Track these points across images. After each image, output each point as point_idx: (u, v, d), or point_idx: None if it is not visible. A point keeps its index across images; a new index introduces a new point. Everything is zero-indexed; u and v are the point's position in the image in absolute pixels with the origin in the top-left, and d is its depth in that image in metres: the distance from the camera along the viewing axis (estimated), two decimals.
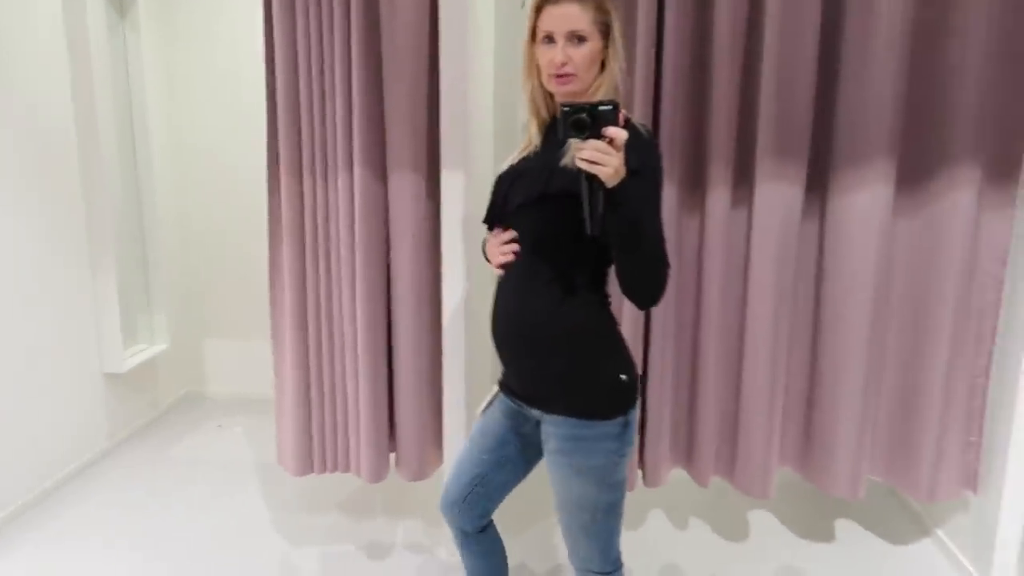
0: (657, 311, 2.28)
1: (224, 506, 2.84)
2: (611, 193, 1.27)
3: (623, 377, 1.49)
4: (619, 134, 1.24)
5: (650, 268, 1.39)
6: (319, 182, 2.28)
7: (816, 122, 2.17)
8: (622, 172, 1.26)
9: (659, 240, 1.41)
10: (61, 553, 2.52)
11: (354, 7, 2.13)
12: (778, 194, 2.16)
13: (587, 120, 1.25)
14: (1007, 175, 2.13)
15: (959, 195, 2.13)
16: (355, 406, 2.39)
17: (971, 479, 2.33)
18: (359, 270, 2.27)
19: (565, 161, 1.37)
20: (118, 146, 3.29)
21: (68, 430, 3.00)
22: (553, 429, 1.51)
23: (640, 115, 2.14)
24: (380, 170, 2.26)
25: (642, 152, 1.37)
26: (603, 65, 1.46)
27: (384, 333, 2.35)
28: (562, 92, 1.45)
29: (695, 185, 2.27)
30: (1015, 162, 2.12)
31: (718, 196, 2.20)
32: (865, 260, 2.18)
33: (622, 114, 1.29)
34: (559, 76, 1.42)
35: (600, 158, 1.23)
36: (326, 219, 2.31)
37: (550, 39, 1.41)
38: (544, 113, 1.55)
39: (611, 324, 1.53)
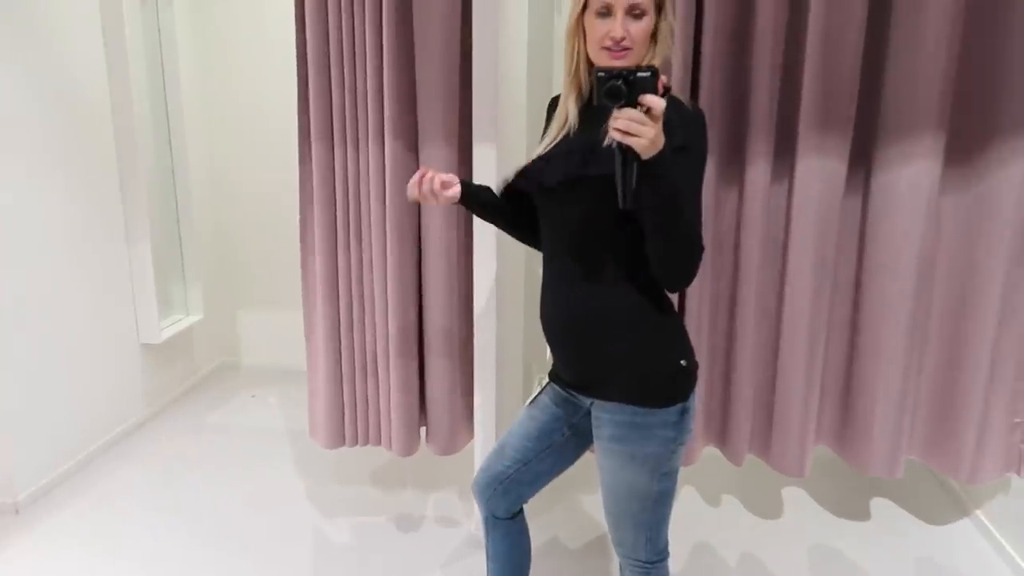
0: (693, 285, 2.23)
1: (258, 475, 2.87)
2: (646, 166, 1.20)
3: (682, 363, 1.45)
4: (657, 103, 1.17)
5: (683, 250, 1.33)
6: (350, 152, 2.26)
7: (862, 93, 2.09)
8: (660, 144, 1.19)
9: (696, 222, 1.36)
10: (101, 519, 2.57)
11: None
12: (820, 168, 2.10)
13: (623, 88, 1.18)
14: None
15: (1010, 169, 2.05)
16: (386, 380, 2.39)
17: (1015, 461, 2.27)
18: (390, 243, 2.26)
19: (606, 141, 1.29)
20: (152, 117, 3.30)
21: (106, 400, 3.05)
22: (608, 416, 1.47)
23: (679, 83, 2.08)
24: (411, 141, 2.24)
25: (691, 128, 1.33)
26: (653, 39, 1.39)
27: (415, 306, 2.34)
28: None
29: (733, 157, 2.20)
30: None
31: (758, 169, 2.14)
32: (910, 237, 2.11)
33: (662, 81, 1.22)
34: (615, 50, 1.35)
35: (636, 128, 1.16)
36: (357, 190, 2.29)
37: (607, 11, 1.34)
38: (586, 90, 1.46)
39: (669, 308, 1.48)
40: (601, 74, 1.20)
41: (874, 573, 2.31)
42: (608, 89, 1.18)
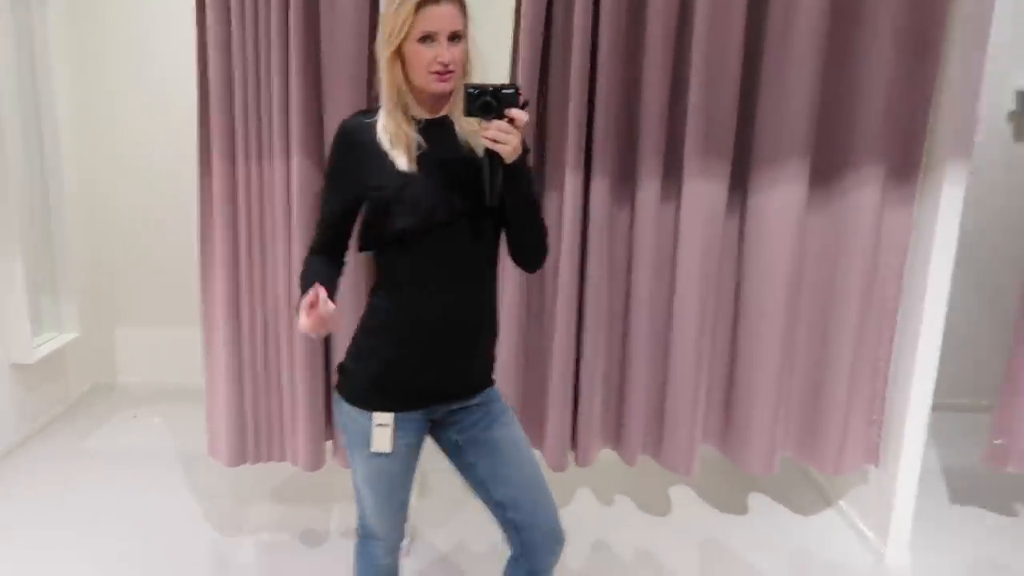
0: (589, 298, 2.37)
1: (148, 498, 2.77)
2: (511, 168, 1.43)
3: None
4: (521, 115, 1.39)
5: (542, 231, 1.59)
6: (254, 167, 2.25)
7: (739, 124, 2.30)
8: (520, 149, 1.42)
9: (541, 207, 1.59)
10: None
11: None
12: (704, 191, 2.29)
13: (493, 102, 1.38)
14: (907, 175, 2.33)
15: (864, 192, 2.31)
16: (291, 395, 2.38)
17: (872, 453, 2.55)
18: (295, 258, 2.26)
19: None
20: (21, 124, 3.12)
21: None
22: (494, 399, 1.66)
23: (576, 110, 2.21)
24: (317, 157, 2.25)
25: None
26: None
27: None
28: (439, 90, 1.46)
29: (626, 179, 2.36)
30: (915, 163, 2.31)
31: (648, 191, 2.31)
32: (780, 253, 2.34)
33: (521, 97, 1.41)
34: (443, 73, 1.44)
35: (503, 137, 1.38)
36: (260, 206, 2.28)
37: (430, 38, 1.42)
38: (418, 113, 1.51)
39: None
40: (472, 90, 1.39)
41: (756, 564, 2.52)
42: (481, 104, 1.39)
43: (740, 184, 2.39)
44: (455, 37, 1.44)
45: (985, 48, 2.16)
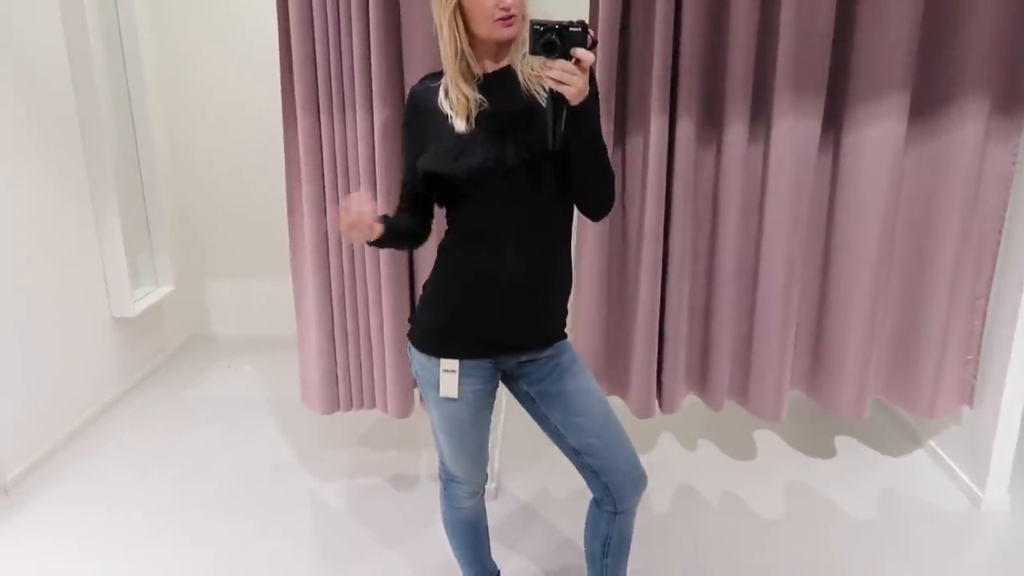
0: (675, 243, 2.33)
1: (245, 445, 2.90)
2: (575, 110, 1.37)
3: None
4: (587, 56, 1.33)
5: (608, 180, 1.54)
6: (336, 119, 2.27)
7: (833, 58, 2.19)
8: (586, 92, 1.36)
9: (607, 154, 1.56)
10: (91, 496, 2.58)
11: None
12: (795, 129, 2.21)
13: (556, 41, 1.33)
14: (1012, 108, 2.20)
15: (967, 127, 2.20)
16: (380, 342, 2.43)
17: (967, 394, 2.47)
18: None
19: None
20: (111, 85, 3.22)
21: (82, 376, 3.02)
22: (564, 349, 1.66)
23: (661, 47, 2.14)
24: (398, 108, 2.25)
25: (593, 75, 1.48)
26: None
27: (407, 267, 2.38)
28: (505, 36, 1.45)
29: (711, 119, 2.29)
30: (1019, 94, 2.18)
31: (735, 131, 2.23)
32: (875, 192, 2.25)
33: (590, 35, 1.36)
34: (507, 19, 1.42)
35: (567, 78, 1.32)
36: (345, 157, 2.30)
37: None
38: (476, 69, 1.51)
39: None
40: (537, 27, 1.34)
41: (843, 505, 2.50)
42: (544, 42, 1.33)
43: (834, 121, 2.29)
44: None
45: None
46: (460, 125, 1.49)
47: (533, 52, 1.36)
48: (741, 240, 2.36)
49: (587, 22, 1.35)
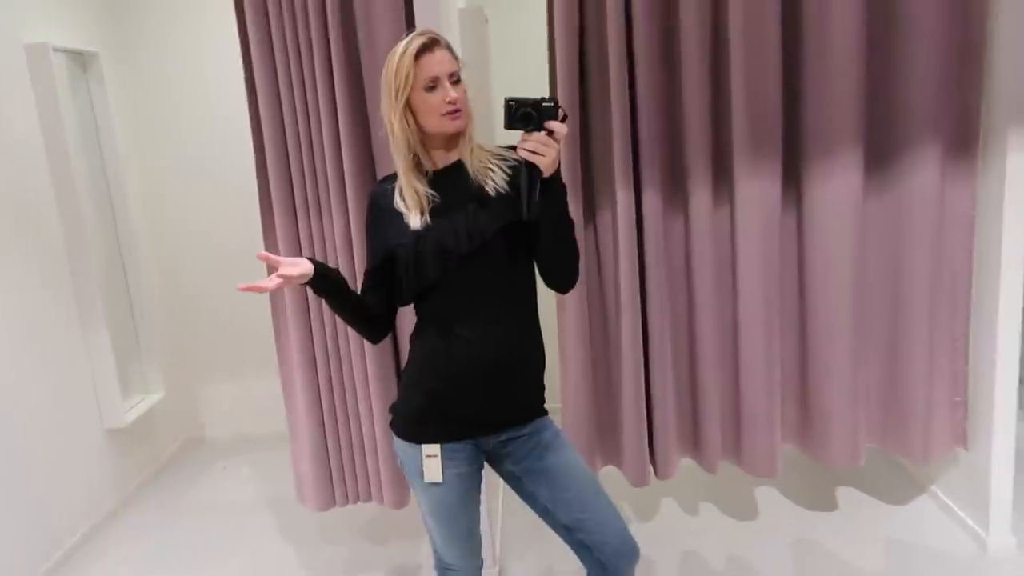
0: (653, 310, 2.37)
1: (246, 548, 2.86)
2: (548, 181, 1.47)
3: None
4: (560, 128, 1.45)
5: (575, 252, 1.62)
6: (314, 221, 2.33)
7: (786, 119, 2.29)
8: (558, 162, 1.47)
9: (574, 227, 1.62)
10: None
11: (334, 50, 2.17)
12: (757, 191, 2.28)
13: (533, 114, 1.43)
14: (966, 148, 2.28)
15: (923, 172, 2.27)
16: (372, 435, 2.44)
17: (960, 436, 2.48)
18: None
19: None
20: (93, 196, 3.29)
21: (76, 493, 2.99)
22: (546, 425, 1.69)
23: (619, 124, 2.23)
24: None
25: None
26: None
27: (392, 357, 2.41)
28: (454, 129, 1.53)
29: (676, 188, 2.37)
30: (972, 135, 2.27)
31: (700, 198, 2.31)
32: (842, 243, 2.31)
33: (561, 110, 1.46)
34: (454, 113, 1.51)
35: (543, 149, 1.43)
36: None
37: (434, 85, 1.50)
38: (427, 164, 1.58)
39: None
40: (512, 103, 1.44)
41: (852, 560, 2.47)
42: (522, 115, 1.44)
43: (794, 179, 2.37)
44: (455, 78, 1.52)
45: None
46: (415, 221, 1.56)
47: (509, 126, 1.46)
48: (717, 301, 2.40)
49: (557, 99, 1.47)
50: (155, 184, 3.64)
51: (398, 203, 1.58)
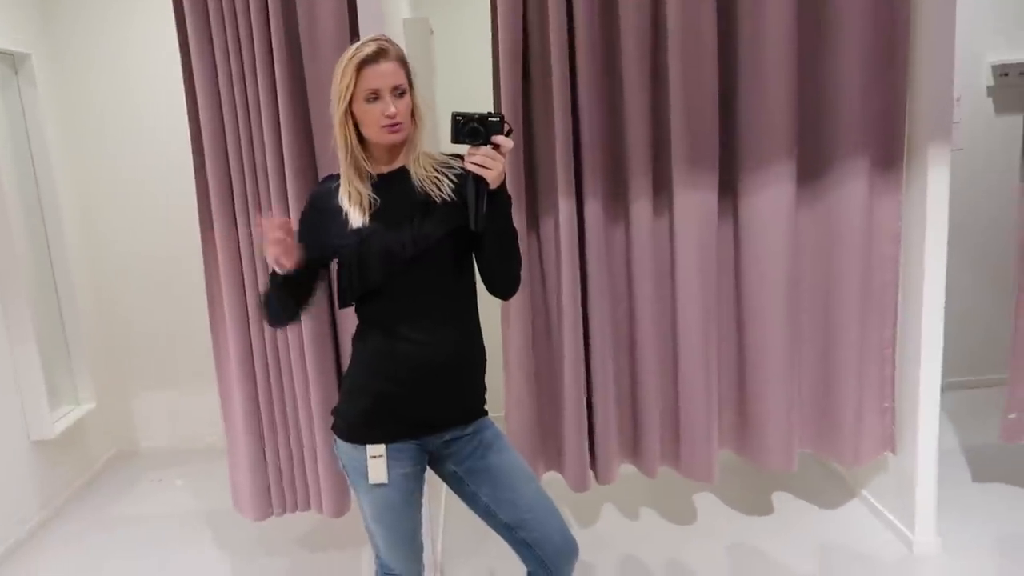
0: (594, 316, 2.40)
1: (179, 561, 2.78)
2: (494, 193, 1.50)
3: None
4: (506, 142, 1.49)
5: (517, 260, 1.67)
6: (254, 222, 2.30)
7: (723, 131, 2.35)
8: (504, 175, 1.51)
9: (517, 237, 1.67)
10: None
11: (276, 52, 2.15)
12: (695, 201, 2.33)
13: (480, 128, 1.47)
14: (892, 163, 2.38)
15: (852, 185, 2.36)
16: (311, 443, 2.41)
17: (889, 441, 2.56)
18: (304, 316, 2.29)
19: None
20: (22, 201, 3.18)
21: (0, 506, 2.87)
22: (487, 425, 1.71)
23: (562, 136, 2.26)
24: None
25: None
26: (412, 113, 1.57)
27: (333, 369, 2.38)
28: (392, 141, 1.55)
29: (617, 198, 2.41)
30: (898, 150, 2.37)
31: (641, 207, 2.35)
32: (776, 252, 2.38)
33: (506, 125, 1.49)
34: (392, 126, 1.52)
35: (489, 163, 1.46)
36: (264, 263, 2.32)
37: (375, 96, 1.51)
38: (370, 168, 1.59)
39: None
40: (459, 118, 1.48)
41: (787, 563, 2.53)
42: (469, 130, 1.47)
43: (730, 190, 2.43)
44: (399, 91, 1.52)
45: (953, 28, 2.22)
46: (357, 219, 1.56)
47: (456, 140, 1.49)
48: (657, 309, 2.45)
49: (503, 114, 1.51)
50: (87, 190, 3.54)
51: (342, 199, 1.58)
